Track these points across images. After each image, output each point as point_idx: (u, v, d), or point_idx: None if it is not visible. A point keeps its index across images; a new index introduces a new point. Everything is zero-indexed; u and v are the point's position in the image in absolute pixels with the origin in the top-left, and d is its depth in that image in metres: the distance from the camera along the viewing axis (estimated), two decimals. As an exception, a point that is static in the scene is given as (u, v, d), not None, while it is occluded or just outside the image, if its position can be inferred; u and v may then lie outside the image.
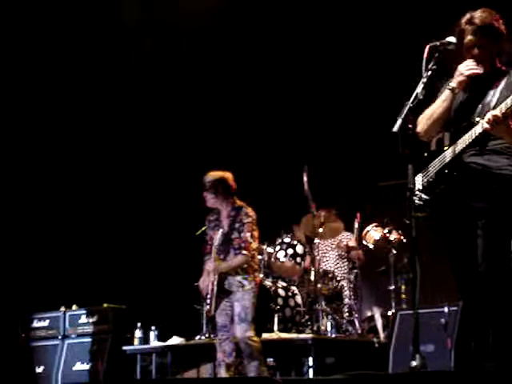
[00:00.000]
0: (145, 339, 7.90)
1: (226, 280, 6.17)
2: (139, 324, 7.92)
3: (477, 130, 4.14)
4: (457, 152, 4.18)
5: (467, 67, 4.20)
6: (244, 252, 6.08)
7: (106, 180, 9.58)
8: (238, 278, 6.13)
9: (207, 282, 6.26)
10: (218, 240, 6.17)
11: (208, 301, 6.20)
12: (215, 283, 6.15)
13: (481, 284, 4.17)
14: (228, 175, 6.24)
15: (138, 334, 7.88)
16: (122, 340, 7.87)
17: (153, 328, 7.95)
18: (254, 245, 6.20)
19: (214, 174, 6.25)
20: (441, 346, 6.00)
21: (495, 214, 4.15)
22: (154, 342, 7.88)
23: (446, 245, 4.35)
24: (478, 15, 4.21)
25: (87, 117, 9.49)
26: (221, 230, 6.18)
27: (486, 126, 4.06)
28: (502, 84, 4.15)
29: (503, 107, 4.03)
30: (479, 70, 4.20)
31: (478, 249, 4.18)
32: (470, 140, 4.15)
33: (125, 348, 7.75)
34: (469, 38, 4.21)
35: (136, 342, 7.85)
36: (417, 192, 4.26)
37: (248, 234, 6.10)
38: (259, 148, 9.44)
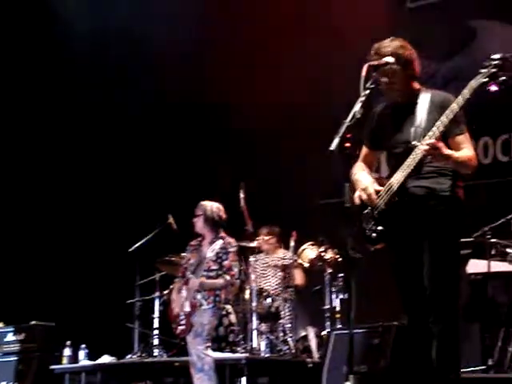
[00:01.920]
0: (74, 358, 7.72)
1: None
2: (68, 342, 7.74)
3: (418, 155, 4.17)
4: (403, 179, 4.21)
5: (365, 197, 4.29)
6: (227, 277, 6.36)
7: (34, 195, 9.40)
8: (199, 296, 6.31)
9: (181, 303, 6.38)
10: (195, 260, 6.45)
11: (184, 321, 6.32)
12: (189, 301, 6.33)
13: (427, 304, 4.20)
14: (221, 207, 6.56)
15: (66, 352, 7.71)
16: (49, 359, 7.69)
17: (82, 346, 7.78)
18: (237, 273, 6.52)
19: (208, 204, 6.53)
20: (374, 366, 5.98)
21: (438, 235, 4.19)
22: (83, 361, 7.71)
23: (394, 265, 4.34)
24: (382, 50, 4.27)
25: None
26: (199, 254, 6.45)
27: (425, 152, 4.10)
28: (426, 104, 4.22)
29: (436, 132, 4.08)
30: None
31: (424, 269, 4.21)
32: (413, 166, 4.18)
33: (53, 367, 7.55)
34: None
35: (65, 360, 7.68)
36: (372, 227, 4.26)
37: (233, 263, 6.41)
38: (195, 164, 9.38)
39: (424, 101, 4.25)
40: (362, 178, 4.37)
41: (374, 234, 4.27)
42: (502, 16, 7.96)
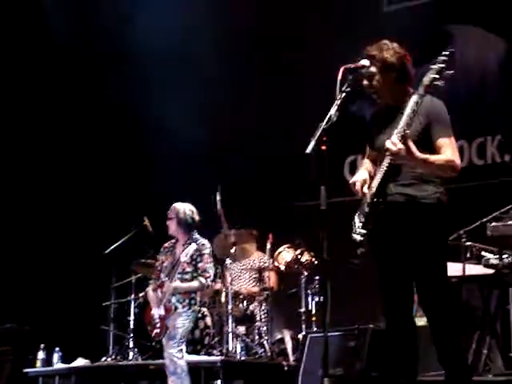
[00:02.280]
0: (48, 361, 7.67)
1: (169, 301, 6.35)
2: (43, 345, 7.69)
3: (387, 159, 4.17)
4: (378, 182, 4.19)
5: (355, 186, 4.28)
6: (202, 280, 6.35)
7: (7, 198, 9.31)
8: (173, 299, 6.30)
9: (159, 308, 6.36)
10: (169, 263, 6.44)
11: (158, 325, 6.30)
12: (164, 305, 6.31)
13: (408, 308, 4.24)
14: (194, 208, 6.54)
15: (40, 355, 7.67)
16: (23, 362, 7.63)
17: (57, 349, 7.73)
18: (212, 276, 6.50)
19: (181, 206, 6.50)
20: (350, 369, 5.99)
21: (421, 243, 4.16)
22: (57, 364, 7.67)
23: (379, 269, 4.32)
24: (368, 53, 4.28)
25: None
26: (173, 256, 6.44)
27: (389, 153, 4.09)
28: (408, 108, 4.17)
29: (400, 133, 4.06)
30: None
31: (409, 276, 4.22)
32: (385, 168, 4.16)
33: (26, 370, 7.50)
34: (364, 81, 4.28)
35: (38, 363, 7.64)
36: (357, 229, 4.23)
37: (207, 266, 6.39)
38: (173, 165, 9.36)
39: (411, 105, 4.20)
40: (359, 173, 4.37)
41: (359, 237, 4.22)
42: (476, 20, 8.03)
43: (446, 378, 4.25)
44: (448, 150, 4.14)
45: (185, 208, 6.49)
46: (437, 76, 4.05)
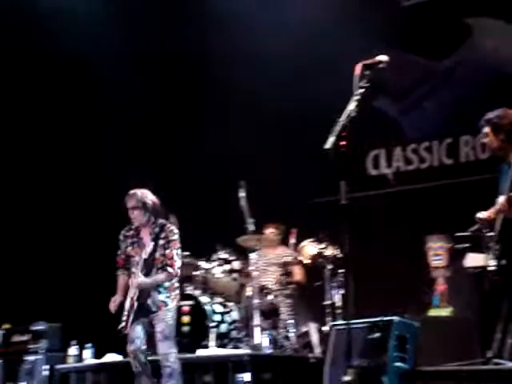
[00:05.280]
0: (80, 357, 7.77)
1: (149, 298, 6.14)
2: (75, 341, 7.80)
3: None
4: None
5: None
6: (170, 270, 6.12)
7: (38, 198, 9.46)
8: (161, 296, 6.15)
9: (119, 301, 6.22)
10: (142, 258, 6.13)
11: (125, 317, 6.09)
12: (135, 299, 6.08)
13: None
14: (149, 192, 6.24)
15: (72, 351, 7.76)
16: (56, 358, 7.74)
17: (88, 345, 7.83)
18: (179, 263, 6.22)
19: (142, 192, 6.21)
20: (375, 360, 6.05)
21: None
22: (89, 360, 7.76)
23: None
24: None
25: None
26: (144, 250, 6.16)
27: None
28: None
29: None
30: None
31: None
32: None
33: (58, 366, 7.61)
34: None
35: (70, 359, 7.73)
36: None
37: (174, 252, 6.15)
38: (196, 161, 9.45)
39: None
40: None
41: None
42: (495, 13, 8.04)
43: None
44: None
45: (144, 193, 6.15)
46: None
